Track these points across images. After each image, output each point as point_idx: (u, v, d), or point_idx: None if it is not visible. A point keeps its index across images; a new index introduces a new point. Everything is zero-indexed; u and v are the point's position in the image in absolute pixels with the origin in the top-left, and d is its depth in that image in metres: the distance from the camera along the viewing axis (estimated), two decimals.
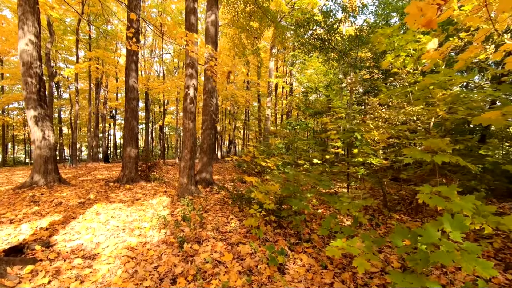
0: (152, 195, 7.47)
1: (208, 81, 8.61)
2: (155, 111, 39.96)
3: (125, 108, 9.62)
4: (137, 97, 9.67)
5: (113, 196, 7.13)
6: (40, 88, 8.62)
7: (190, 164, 7.09)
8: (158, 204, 6.33)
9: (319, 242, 3.91)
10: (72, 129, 20.44)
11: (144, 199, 6.92)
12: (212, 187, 8.31)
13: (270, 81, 18.76)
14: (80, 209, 5.77)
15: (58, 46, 28.07)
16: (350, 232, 2.66)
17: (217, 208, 5.92)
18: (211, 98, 8.66)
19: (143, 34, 28.68)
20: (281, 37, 13.01)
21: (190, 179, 7.10)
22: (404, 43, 4.75)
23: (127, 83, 9.49)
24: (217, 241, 3.94)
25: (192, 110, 7.09)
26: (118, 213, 5.50)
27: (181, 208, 5.71)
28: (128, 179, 9.31)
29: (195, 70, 7.15)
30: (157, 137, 45.67)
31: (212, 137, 8.68)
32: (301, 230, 3.60)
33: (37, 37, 8.64)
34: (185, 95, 7.13)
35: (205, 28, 8.75)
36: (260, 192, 3.93)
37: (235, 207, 5.83)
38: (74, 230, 4.43)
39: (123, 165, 9.51)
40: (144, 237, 4.20)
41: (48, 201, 6.40)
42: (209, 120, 8.63)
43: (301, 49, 14.08)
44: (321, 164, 7.18)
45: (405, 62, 5.28)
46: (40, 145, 8.51)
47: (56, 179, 8.87)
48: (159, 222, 4.69)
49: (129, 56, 9.56)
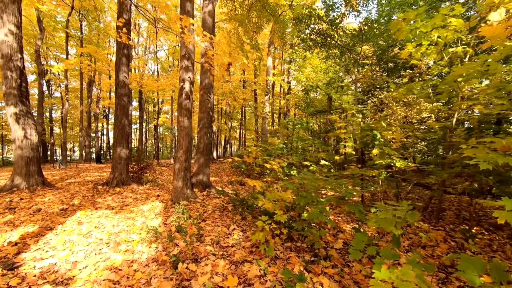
0: (143, 200, 6.81)
1: (205, 75, 7.96)
2: (149, 110, 39.18)
3: (115, 105, 8.93)
4: (128, 93, 8.98)
5: (100, 202, 6.45)
6: (22, 82, 7.90)
7: (185, 166, 6.45)
8: (149, 211, 5.67)
9: (339, 259, 3.31)
10: (63, 128, 19.57)
11: (135, 204, 6.25)
12: (209, 190, 7.67)
13: (268, 79, 18.17)
14: (60, 217, 5.10)
15: (49, 43, 27.23)
16: (392, 256, 2.06)
17: (216, 215, 5.28)
18: (208, 94, 8.02)
19: (137, 31, 27.98)
20: (280, 32, 12.40)
21: (185, 182, 6.46)
22: (429, 29, 4.17)
23: (117, 78, 8.80)
24: (218, 258, 3.32)
25: (188, 107, 6.44)
26: (103, 222, 4.84)
27: (175, 216, 5.07)
28: (118, 181, 8.62)
29: (191, 63, 6.51)
30: (151, 137, 44.91)
31: (209, 136, 8.05)
32: (319, 247, 3.00)
33: (18, 27, 7.93)
34: (180, 90, 6.48)
35: (201, 19, 8.11)
36: (269, 200, 3.33)
37: (236, 214, 5.21)
38: (48, 245, 3.77)
39: (113, 166, 8.82)
40: (132, 253, 3.55)
41: (26, 208, 5.71)
42: (206, 118, 7.99)
43: (302, 45, 13.52)
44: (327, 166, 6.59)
45: (427, 52, 4.71)
46: (21, 145, 7.80)
47: (39, 182, 8.16)
48: (149, 234, 4.05)
49: (119, 50, 8.88)
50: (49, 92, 32.59)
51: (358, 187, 4.97)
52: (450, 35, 4.22)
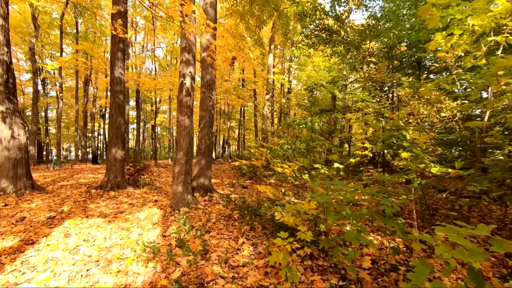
0: (140, 205, 6.25)
1: (207, 71, 7.40)
2: (147, 110, 38.60)
3: (110, 103, 8.35)
4: (124, 91, 8.41)
5: (92, 208, 5.88)
6: (8, 78, 7.31)
7: (186, 169, 5.89)
8: (146, 219, 5.11)
9: (372, 283, 2.78)
10: (58, 128, 18.95)
11: (130, 211, 5.69)
12: (211, 195, 7.12)
13: (269, 78, 17.68)
14: (46, 227, 4.53)
15: (44, 41, 26.64)
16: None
17: (221, 225, 4.73)
18: (210, 91, 7.46)
19: (134, 29, 27.40)
20: (284, 28, 11.86)
21: (186, 187, 5.91)
22: (467, 13, 3.65)
23: (112, 74, 8.22)
24: (227, 283, 2.78)
25: (188, 104, 5.89)
26: (94, 233, 4.28)
27: (175, 226, 4.51)
28: (113, 185, 8.05)
29: (192, 56, 5.96)
30: (149, 137, 44.33)
31: (211, 136, 7.50)
32: (352, 271, 2.48)
33: (5, 19, 7.35)
34: (180, 86, 5.92)
35: (203, 11, 7.56)
36: (289, 213, 2.79)
37: (244, 224, 4.66)
38: (27, 264, 3.21)
39: (108, 168, 8.24)
40: (125, 274, 3.01)
41: (9, 216, 5.13)
42: (207, 116, 7.43)
43: (305, 42, 12.99)
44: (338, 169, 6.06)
45: (459, 43, 4.19)
46: (8, 146, 7.22)
47: (27, 185, 7.58)
48: (146, 250, 3.50)
49: (114, 44, 8.31)
50: (44, 91, 31.93)
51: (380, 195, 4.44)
52: (489, 22, 3.70)
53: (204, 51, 7.39)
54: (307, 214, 2.92)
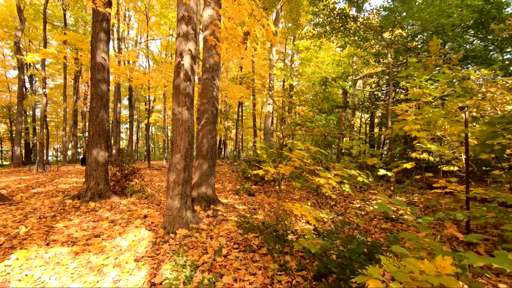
0: (124, 224, 4.80)
1: (209, 53, 5.96)
2: (140, 109, 36.99)
3: (90, 94, 6.86)
4: (107, 79, 6.93)
5: (59, 229, 4.41)
6: None
7: (184, 177, 4.45)
8: (130, 249, 3.66)
9: None
10: (40, 126, 17.34)
11: (110, 234, 4.24)
12: (216, 208, 5.68)
13: (272, 73, 16.34)
14: None
15: (31, 35, 25.07)
16: None
17: (237, 261, 3.29)
18: (213, 79, 6.03)
19: (127, 24, 25.91)
20: (294, 12, 10.49)
21: (184, 201, 4.46)
22: None
23: (93, 59, 6.75)
24: None
25: (188, 91, 4.44)
26: (46, 280, 2.84)
27: (169, 265, 3.07)
28: (94, 193, 6.57)
29: (192, 28, 4.52)
30: (142, 137, 42.73)
31: (215, 134, 6.06)
32: None
33: None
34: (177, 68, 4.48)
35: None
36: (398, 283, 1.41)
37: (270, 260, 3.23)
38: None
39: (87, 174, 6.74)
40: None
41: None
42: (210, 109, 5.99)
43: (314, 32, 11.64)
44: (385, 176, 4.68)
45: None
46: None
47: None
48: None
49: (96, 22, 6.84)
50: (32, 89, 30.09)
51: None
52: None
53: (206, 28, 5.97)
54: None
